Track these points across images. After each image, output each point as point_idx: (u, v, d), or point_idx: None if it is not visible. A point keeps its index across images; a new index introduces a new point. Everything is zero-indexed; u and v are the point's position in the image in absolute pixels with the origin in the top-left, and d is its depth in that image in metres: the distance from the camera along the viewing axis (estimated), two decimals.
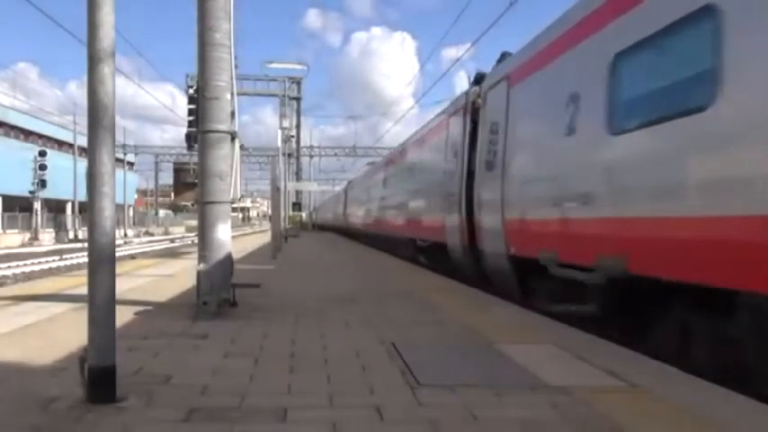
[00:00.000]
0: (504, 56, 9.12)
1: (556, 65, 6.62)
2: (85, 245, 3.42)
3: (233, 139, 6.53)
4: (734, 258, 3.82)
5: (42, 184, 39.18)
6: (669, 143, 4.51)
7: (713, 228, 3.95)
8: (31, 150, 41.64)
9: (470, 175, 9.36)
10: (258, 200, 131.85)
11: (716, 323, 4.29)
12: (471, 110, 9.71)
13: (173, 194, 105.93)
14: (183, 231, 66.05)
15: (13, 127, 48.61)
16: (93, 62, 3.25)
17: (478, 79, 9.81)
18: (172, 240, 44.93)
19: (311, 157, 60.69)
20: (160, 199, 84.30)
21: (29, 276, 17.94)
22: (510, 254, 7.51)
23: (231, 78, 6.51)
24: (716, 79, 3.99)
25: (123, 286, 7.96)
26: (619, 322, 5.53)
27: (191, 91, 7.61)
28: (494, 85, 8.63)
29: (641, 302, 5.17)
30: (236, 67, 6.59)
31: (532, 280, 7.14)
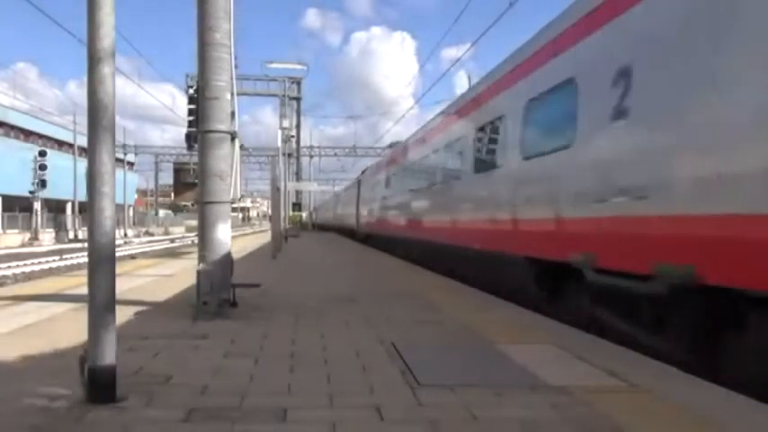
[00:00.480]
0: None
1: None
2: (85, 245, 3.42)
3: (233, 139, 6.53)
4: None
5: (42, 184, 39.18)
6: None
7: None
8: (31, 150, 41.65)
9: None
10: (258, 200, 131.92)
11: None
12: None
13: (173, 194, 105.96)
14: (183, 231, 66.07)
15: (13, 127, 48.61)
16: (93, 62, 3.25)
17: None
18: (172, 240, 44.95)
19: (311, 157, 60.72)
20: (160, 199, 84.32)
21: (29, 276, 17.95)
22: None
23: (231, 78, 6.52)
24: None
25: (123, 286, 7.96)
26: None
27: (191, 91, 7.59)
28: None
29: None
30: (236, 67, 6.60)
31: None
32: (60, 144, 53.92)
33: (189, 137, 7.47)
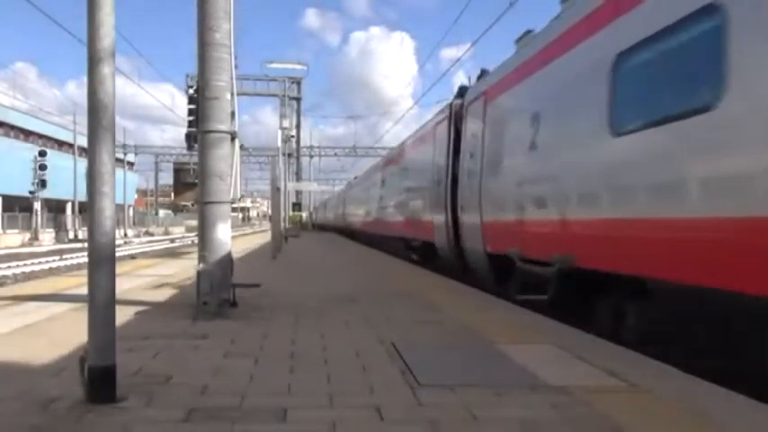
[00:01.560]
0: None
1: None
2: (85, 245, 3.42)
3: (233, 139, 6.54)
4: None
5: (42, 184, 39.20)
6: None
7: None
8: (31, 150, 41.67)
9: None
10: (258, 200, 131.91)
11: None
12: None
13: (173, 194, 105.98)
14: (183, 231, 66.09)
15: (13, 127, 48.63)
16: (93, 62, 3.25)
17: None
18: (172, 240, 44.97)
19: (311, 157, 60.76)
20: (160, 199, 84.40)
21: (29, 276, 17.96)
22: None
23: (231, 78, 6.52)
24: None
25: (123, 286, 7.96)
26: None
27: (191, 91, 7.60)
28: None
29: None
30: (236, 67, 6.60)
31: None
32: (60, 144, 53.94)
33: (189, 137, 7.48)
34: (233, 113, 6.57)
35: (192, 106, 7.17)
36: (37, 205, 39.90)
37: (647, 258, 4.93)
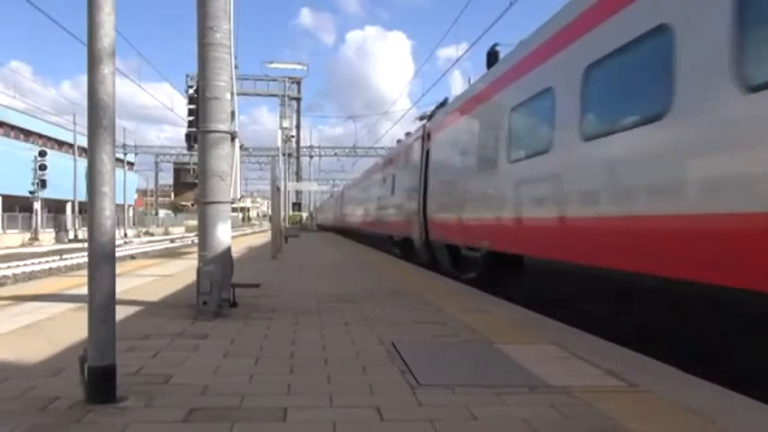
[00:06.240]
0: None
1: None
2: (85, 245, 3.42)
3: (233, 139, 6.54)
4: None
5: (42, 184, 39.26)
6: None
7: None
8: (31, 150, 41.72)
9: None
10: (258, 200, 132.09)
11: None
12: None
13: (173, 194, 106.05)
14: (182, 231, 66.14)
15: (13, 127, 48.66)
16: (94, 62, 3.25)
17: None
18: (172, 240, 45.00)
19: (311, 157, 60.80)
20: (160, 199, 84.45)
21: (29, 276, 17.99)
22: None
23: (231, 78, 6.52)
24: None
25: (123, 286, 7.96)
26: None
27: (191, 91, 7.61)
28: None
29: None
30: (236, 67, 6.61)
31: None
32: (60, 144, 54.02)
33: (189, 137, 7.49)
34: (233, 113, 6.58)
35: (192, 106, 7.18)
36: (37, 205, 39.96)
37: (519, 242, 7.75)
